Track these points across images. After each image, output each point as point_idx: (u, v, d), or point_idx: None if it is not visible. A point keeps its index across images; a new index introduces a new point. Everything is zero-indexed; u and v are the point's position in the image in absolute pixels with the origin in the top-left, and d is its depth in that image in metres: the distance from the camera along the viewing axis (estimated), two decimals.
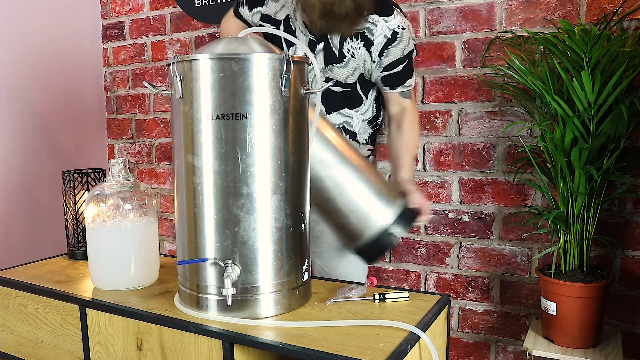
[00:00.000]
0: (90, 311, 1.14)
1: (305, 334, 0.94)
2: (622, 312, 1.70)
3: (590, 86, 1.43)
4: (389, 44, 1.46)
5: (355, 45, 1.47)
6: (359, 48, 1.47)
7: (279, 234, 1.02)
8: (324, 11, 1.37)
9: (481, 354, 1.92)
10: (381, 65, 1.49)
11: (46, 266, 1.43)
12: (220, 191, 0.99)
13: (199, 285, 1.03)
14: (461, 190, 1.90)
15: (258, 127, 0.98)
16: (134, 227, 1.20)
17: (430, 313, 1.03)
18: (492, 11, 1.80)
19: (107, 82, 2.70)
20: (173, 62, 1.01)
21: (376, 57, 1.48)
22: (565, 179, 1.52)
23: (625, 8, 1.61)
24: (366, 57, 1.48)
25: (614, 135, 1.48)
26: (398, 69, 1.49)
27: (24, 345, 1.30)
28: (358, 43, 1.47)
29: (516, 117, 1.80)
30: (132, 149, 2.65)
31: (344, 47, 1.47)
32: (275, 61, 0.99)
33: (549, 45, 1.50)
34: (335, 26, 1.40)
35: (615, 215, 1.69)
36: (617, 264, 1.70)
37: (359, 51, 1.47)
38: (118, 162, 1.22)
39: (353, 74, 1.50)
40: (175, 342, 1.02)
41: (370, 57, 1.48)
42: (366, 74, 1.52)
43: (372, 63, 1.49)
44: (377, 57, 1.48)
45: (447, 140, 1.91)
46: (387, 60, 1.48)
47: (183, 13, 2.41)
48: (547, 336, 1.58)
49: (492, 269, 1.88)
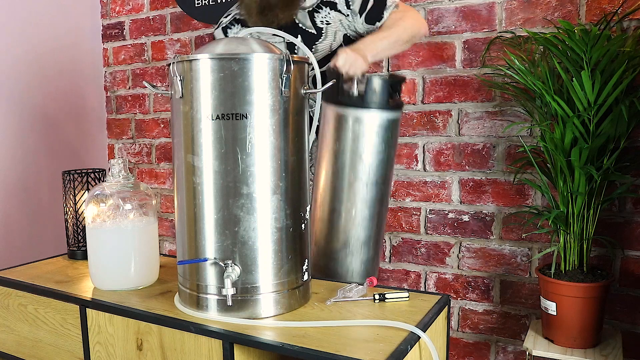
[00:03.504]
0: (90, 311, 1.14)
1: (305, 334, 0.94)
2: (622, 312, 1.70)
3: (590, 86, 1.43)
4: None
5: (324, 13, 1.49)
6: (327, 13, 1.50)
7: (279, 234, 1.02)
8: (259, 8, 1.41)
9: (481, 354, 1.92)
10: (355, 12, 1.50)
11: (46, 266, 1.43)
12: (220, 191, 0.99)
13: (199, 285, 1.03)
14: (461, 190, 1.90)
15: (258, 127, 0.98)
16: (134, 227, 1.20)
17: (430, 313, 1.03)
18: (492, 11, 1.80)
19: (107, 82, 2.70)
20: (173, 62, 1.01)
21: (346, 10, 1.50)
22: (565, 179, 1.52)
23: (625, 8, 1.61)
24: (339, 16, 1.50)
25: (614, 135, 1.48)
26: (370, 3, 1.50)
27: (24, 345, 1.30)
28: (324, 10, 1.49)
29: (516, 117, 1.80)
30: (132, 149, 2.65)
31: (316, 22, 1.50)
32: (275, 61, 0.99)
33: (549, 45, 1.50)
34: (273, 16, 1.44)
35: (615, 215, 1.69)
36: (617, 264, 1.70)
37: (330, 16, 1.50)
38: (118, 162, 1.22)
39: (335, 38, 1.52)
40: (175, 342, 1.02)
41: (342, 14, 1.50)
42: (349, 31, 1.53)
43: (347, 18, 1.51)
44: (347, 9, 1.50)
45: (447, 140, 1.91)
46: (356, 5, 1.50)
47: (183, 13, 2.41)
48: (547, 336, 1.58)
49: (492, 269, 1.88)
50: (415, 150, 1.96)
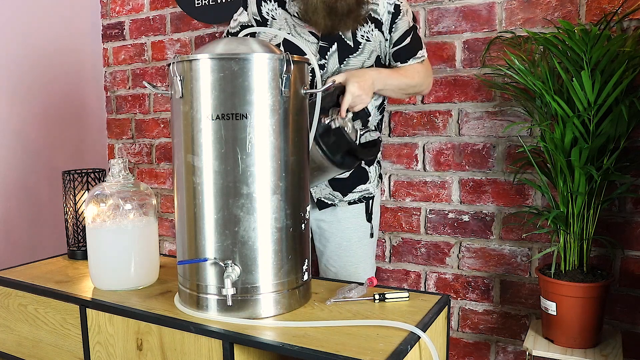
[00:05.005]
0: (90, 311, 1.14)
1: (305, 334, 0.94)
2: (622, 312, 1.70)
3: (590, 86, 1.43)
4: (395, 18, 1.48)
5: (367, 29, 1.48)
6: (371, 30, 1.48)
7: (279, 234, 1.02)
8: (327, 11, 1.38)
9: (481, 354, 1.92)
10: (391, 41, 1.50)
11: (46, 266, 1.43)
12: (220, 191, 0.99)
13: (199, 285, 1.03)
14: (461, 190, 1.90)
15: (258, 127, 0.98)
16: (134, 227, 1.20)
17: (430, 313, 1.03)
18: (492, 11, 1.80)
19: (107, 82, 2.70)
20: (173, 62, 1.01)
21: (387, 34, 1.49)
22: (565, 179, 1.52)
23: (625, 8, 1.61)
24: (380, 37, 1.49)
25: (614, 135, 1.48)
26: (407, 41, 1.51)
27: (24, 345, 1.30)
28: (369, 26, 1.48)
29: (516, 117, 1.80)
30: (132, 149, 2.65)
31: (357, 35, 1.48)
32: (275, 61, 0.99)
33: (549, 45, 1.50)
34: (341, 23, 1.42)
35: (615, 215, 1.69)
36: (617, 264, 1.70)
37: (372, 33, 1.48)
38: (118, 162, 1.22)
39: (370, 57, 1.50)
40: (175, 342, 1.02)
41: (383, 36, 1.49)
42: (382, 55, 1.52)
43: (386, 42, 1.51)
44: (388, 34, 1.50)
45: (447, 140, 1.91)
46: (396, 35, 1.50)
47: (183, 13, 2.41)
48: (547, 336, 1.58)
49: (492, 269, 1.88)
50: (415, 150, 1.96)
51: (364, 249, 1.63)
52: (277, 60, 0.99)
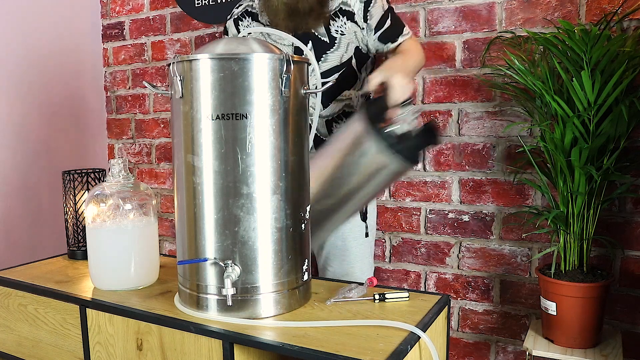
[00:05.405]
0: (90, 311, 1.14)
1: (305, 334, 0.94)
2: (622, 312, 1.70)
3: (590, 86, 1.43)
4: (368, 6, 1.50)
5: (339, 23, 1.49)
6: (344, 24, 1.49)
7: (279, 234, 1.02)
8: (288, 12, 1.40)
9: (481, 354, 1.92)
10: (371, 27, 1.51)
11: (46, 266, 1.43)
12: (220, 191, 0.99)
13: (199, 285, 1.03)
14: (461, 190, 1.90)
15: (258, 127, 0.98)
16: (134, 227, 1.20)
17: (430, 313, 1.03)
18: (492, 11, 1.80)
19: (107, 82, 2.70)
20: (173, 62, 1.01)
21: (363, 23, 1.50)
22: (565, 179, 1.53)
23: (625, 8, 1.61)
24: (354, 28, 1.50)
25: (614, 135, 1.48)
26: (387, 23, 1.52)
27: (24, 345, 1.30)
28: (341, 19, 1.49)
29: (516, 117, 1.80)
30: (132, 149, 2.65)
31: (331, 31, 1.49)
32: (275, 61, 0.99)
33: (549, 45, 1.50)
34: (302, 23, 1.43)
35: (615, 215, 1.69)
36: (617, 264, 1.70)
37: (345, 26, 1.49)
38: (118, 162, 1.22)
39: (347, 50, 1.51)
40: (175, 342, 1.02)
41: (358, 26, 1.50)
42: (361, 45, 1.53)
43: (362, 31, 1.51)
44: (364, 23, 1.50)
45: (447, 140, 1.91)
46: (374, 21, 1.50)
47: (183, 13, 2.41)
48: (547, 336, 1.58)
49: (492, 269, 1.88)
50: None
51: (360, 248, 1.63)
52: (277, 60, 0.99)
